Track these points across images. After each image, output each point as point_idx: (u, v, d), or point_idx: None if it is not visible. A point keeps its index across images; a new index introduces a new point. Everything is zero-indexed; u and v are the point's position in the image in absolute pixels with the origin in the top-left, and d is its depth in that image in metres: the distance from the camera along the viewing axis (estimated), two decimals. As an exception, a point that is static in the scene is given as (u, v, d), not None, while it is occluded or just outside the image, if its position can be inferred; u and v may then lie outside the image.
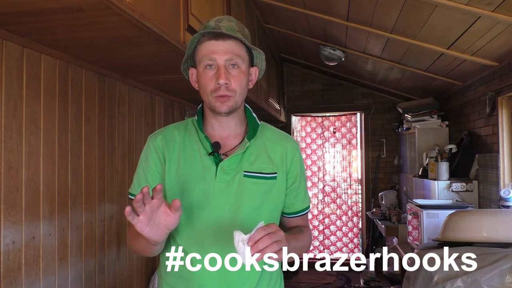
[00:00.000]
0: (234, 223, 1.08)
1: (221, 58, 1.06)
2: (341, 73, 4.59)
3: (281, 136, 1.21)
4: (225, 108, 1.08)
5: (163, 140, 1.15)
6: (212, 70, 1.07)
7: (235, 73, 1.07)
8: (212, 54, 1.06)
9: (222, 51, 1.06)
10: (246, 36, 1.12)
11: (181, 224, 1.10)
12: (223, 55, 1.06)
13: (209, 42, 1.06)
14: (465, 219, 1.97)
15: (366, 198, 4.87)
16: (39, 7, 1.14)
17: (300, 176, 1.19)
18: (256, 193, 1.11)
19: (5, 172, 1.41)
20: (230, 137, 1.15)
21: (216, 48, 1.06)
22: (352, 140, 5.09)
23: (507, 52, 2.33)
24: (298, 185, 1.19)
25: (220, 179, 1.09)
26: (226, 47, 1.06)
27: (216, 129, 1.15)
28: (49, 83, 1.64)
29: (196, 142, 1.13)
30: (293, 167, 1.17)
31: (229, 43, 1.06)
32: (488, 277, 1.60)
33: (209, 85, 1.07)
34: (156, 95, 2.61)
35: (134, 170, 1.21)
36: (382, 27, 2.67)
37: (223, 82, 1.05)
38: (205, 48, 1.07)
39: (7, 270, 1.41)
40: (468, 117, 3.23)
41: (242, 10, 2.71)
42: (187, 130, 1.17)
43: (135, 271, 2.34)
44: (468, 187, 2.99)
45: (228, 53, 1.06)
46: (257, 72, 1.18)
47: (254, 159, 1.12)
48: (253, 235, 0.90)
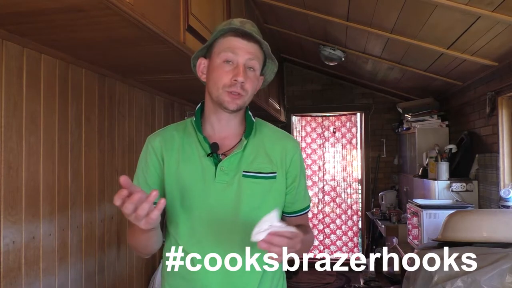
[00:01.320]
0: (234, 223, 1.09)
1: (243, 56, 1.06)
2: (341, 73, 4.59)
3: (281, 135, 1.21)
4: (234, 106, 1.08)
5: (162, 141, 1.15)
6: (230, 66, 1.07)
7: (251, 75, 1.08)
8: (236, 49, 1.06)
9: (245, 50, 1.07)
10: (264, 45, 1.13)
11: (181, 224, 1.10)
12: (245, 53, 1.06)
13: (234, 38, 1.07)
14: (465, 219, 1.97)
15: (366, 198, 4.87)
16: (39, 7, 1.14)
17: (300, 175, 1.19)
18: (255, 193, 1.10)
19: (5, 172, 1.41)
20: (229, 137, 1.15)
21: (240, 45, 1.06)
22: (352, 140, 5.09)
23: (507, 52, 2.33)
24: (298, 184, 1.18)
25: (220, 180, 1.09)
26: (251, 48, 1.07)
27: (215, 129, 1.15)
28: (49, 83, 1.64)
29: (195, 143, 1.13)
30: (293, 166, 1.16)
31: (252, 45, 1.08)
32: (488, 277, 1.60)
33: (224, 79, 1.07)
34: (156, 95, 2.61)
35: (134, 170, 1.21)
36: (382, 27, 2.67)
37: (241, 80, 1.05)
38: (229, 42, 1.07)
39: (7, 270, 1.41)
40: (468, 117, 3.23)
41: (242, 10, 2.71)
42: (186, 130, 1.16)
43: (135, 271, 2.34)
44: (468, 187, 2.99)
45: (250, 53, 1.07)
46: (261, 82, 1.18)
47: (253, 159, 1.12)
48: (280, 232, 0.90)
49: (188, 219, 1.10)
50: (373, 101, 4.79)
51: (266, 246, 0.89)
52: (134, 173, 1.19)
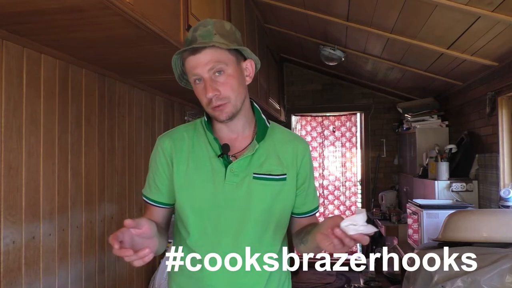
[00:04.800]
0: (244, 225, 1.09)
1: (204, 71, 1.04)
2: (341, 73, 4.59)
3: (292, 136, 1.21)
4: (224, 116, 1.07)
5: (171, 142, 1.15)
6: (201, 84, 1.06)
7: (222, 80, 1.05)
8: (194, 70, 1.05)
9: (202, 64, 1.03)
10: (228, 33, 1.08)
11: (190, 225, 1.11)
12: (204, 67, 1.04)
13: (189, 58, 1.05)
14: (465, 219, 1.97)
15: (366, 198, 4.87)
16: (39, 7, 1.14)
17: (310, 176, 1.20)
18: (265, 195, 1.10)
19: (5, 172, 1.41)
20: (238, 139, 1.15)
21: (196, 62, 1.04)
22: (351, 138, 5.10)
23: (507, 52, 2.33)
24: (308, 186, 1.19)
25: (229, 181, 1.09)
26: (205, 58, 1.03)
27: (224, 132, 1.15)
28: (49, 83, 1.64)
29: (205, 143, 1.13)
30: (303, 167, 1.17)
31: (206, 52, 1.03)
32: (488, 277, 1.60)
33: (203, 99, 1.07)
34: (156, 95, 2.61)
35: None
36: (382, 27, 2.67)
37: (211, 95, 1.04)
38: (188, 65, 1.06)
39: (7, 270, 1.41)
40: (468, 117, 3.23)
41: (242, 10, 2.71)
42: (196, 131, 1.17)
43: (135, 271, 2.34)
44: (468, 187, 2.99)
45: (208, 64, 1.03)
46: (252, 64, 1.13)
47: (263, 161, 1.12)
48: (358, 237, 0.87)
49: (197, 219, 1.10)
50: (373, 101, 4.79)
51: (341, 242, 0.87)
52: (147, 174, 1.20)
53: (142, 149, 2.41)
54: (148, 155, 2.57)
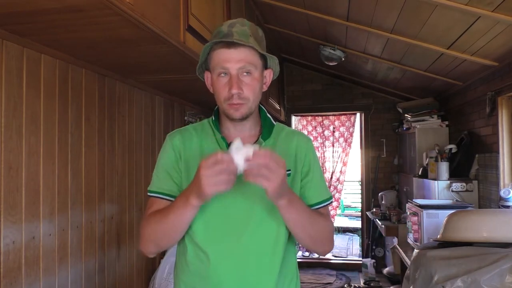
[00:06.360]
0: (249, 221, 1.10)
1: (234, 67, 1.06)
2: (341, 73, 4.59)
3: (295, 133, 1.24)
4: (238, 115, 1.09)
5: (181, 139, 1.17)
6: (225, 78, 1.08)
7: (248, 81, 1.08)
8: (225, 63, 1.06)
9: (235, 60, 1.06)
10: (260, 39, 1.12)
11: (196, 221, 1.11)
12: (235, 63, 1.06)
13: (222, 50, 1.07)
14: (465, 219, 1.97)
15: (366, 198, 4.87)
16: (39, 7, 1.14)
17: (314, 169, 1.20)
18: None
19: (5, 172, 1.41)
20: (245, 138, 1.16)
21: (229, 56, 1.06)
22: (351, 138, 5.10)
23: (507, 52, 2.33)
24: (312, 178, 1.19)
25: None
26: (238, 55, 1.06)
27: (231, 131, 1.17)
28: (49, 83, 1.64)
29: (213, 142, 1.16)
30: (307, 161, 1.19)
31: (241, 50, 1.06)
32: (488, 277, 1.60)
33: (222, 93, 1.09)
34: (156, 95, 2.61)
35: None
36: (382, 27, 2.67)
37: (235, 92, 1.06)
38: (218, 56, 1.08)
39: (7, 270, 1.41)
40: (468, 117, 3.23)
41: (242, 10, 2.71)
42: (204, 130, 1.20)
43: (135, 271, 2.34)
44: (468, 187, 2.99)
45: (240, 62, 1.06)
46: (271, 74, 1.18)
47: None
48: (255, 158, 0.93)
49: (203, 216, 1.10)
50: (373, 101, 4.79)
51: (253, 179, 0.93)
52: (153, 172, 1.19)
53: (142, 149, 2.41)
54: (148, 155, 2.58)
